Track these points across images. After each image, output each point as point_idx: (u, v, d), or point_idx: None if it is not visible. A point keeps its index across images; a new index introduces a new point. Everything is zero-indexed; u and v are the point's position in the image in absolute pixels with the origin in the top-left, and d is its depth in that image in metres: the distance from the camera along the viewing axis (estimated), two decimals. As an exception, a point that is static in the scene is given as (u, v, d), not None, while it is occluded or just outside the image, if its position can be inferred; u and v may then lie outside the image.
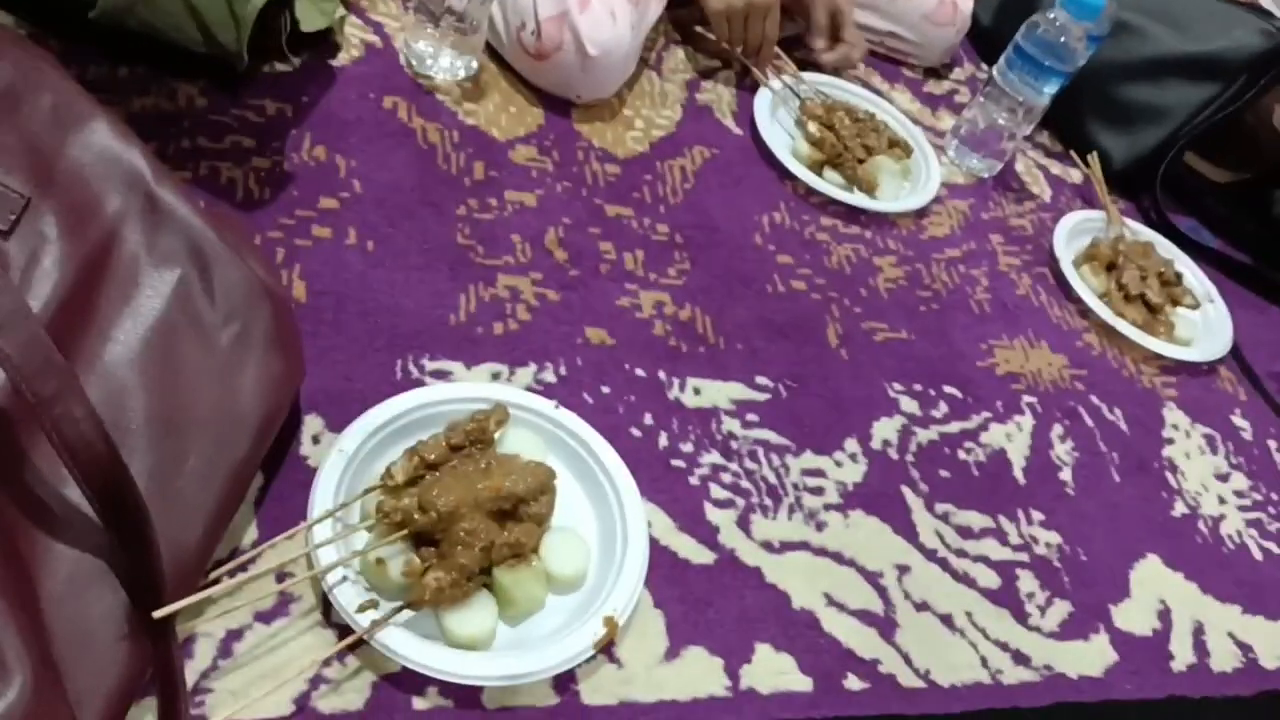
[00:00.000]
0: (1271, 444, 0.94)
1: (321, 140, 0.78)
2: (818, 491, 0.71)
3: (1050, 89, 1.00)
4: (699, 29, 1.03)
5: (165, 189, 0.57)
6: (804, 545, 0.67)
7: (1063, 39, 0.97)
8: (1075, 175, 1.15)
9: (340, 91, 0.83)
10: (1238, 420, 0.94)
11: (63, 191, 0.54)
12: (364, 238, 0.73)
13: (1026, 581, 0.71)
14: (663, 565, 0.62)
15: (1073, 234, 1.03)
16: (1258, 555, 0.82)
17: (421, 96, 0.86)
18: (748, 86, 1.03)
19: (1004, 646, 0.67)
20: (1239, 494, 0.87)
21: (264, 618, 0.52)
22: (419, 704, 0.51)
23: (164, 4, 0.67)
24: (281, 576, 0.53)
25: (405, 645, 0.51)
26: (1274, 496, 0.88)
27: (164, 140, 0.72)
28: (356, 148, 0.79)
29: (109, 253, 0.54)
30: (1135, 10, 1.12)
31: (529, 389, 0.68)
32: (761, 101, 1.00)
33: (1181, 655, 0.72)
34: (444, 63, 0.88)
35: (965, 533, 0.73)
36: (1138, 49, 1.12)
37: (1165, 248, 1.07)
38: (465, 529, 0.53)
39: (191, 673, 0.49)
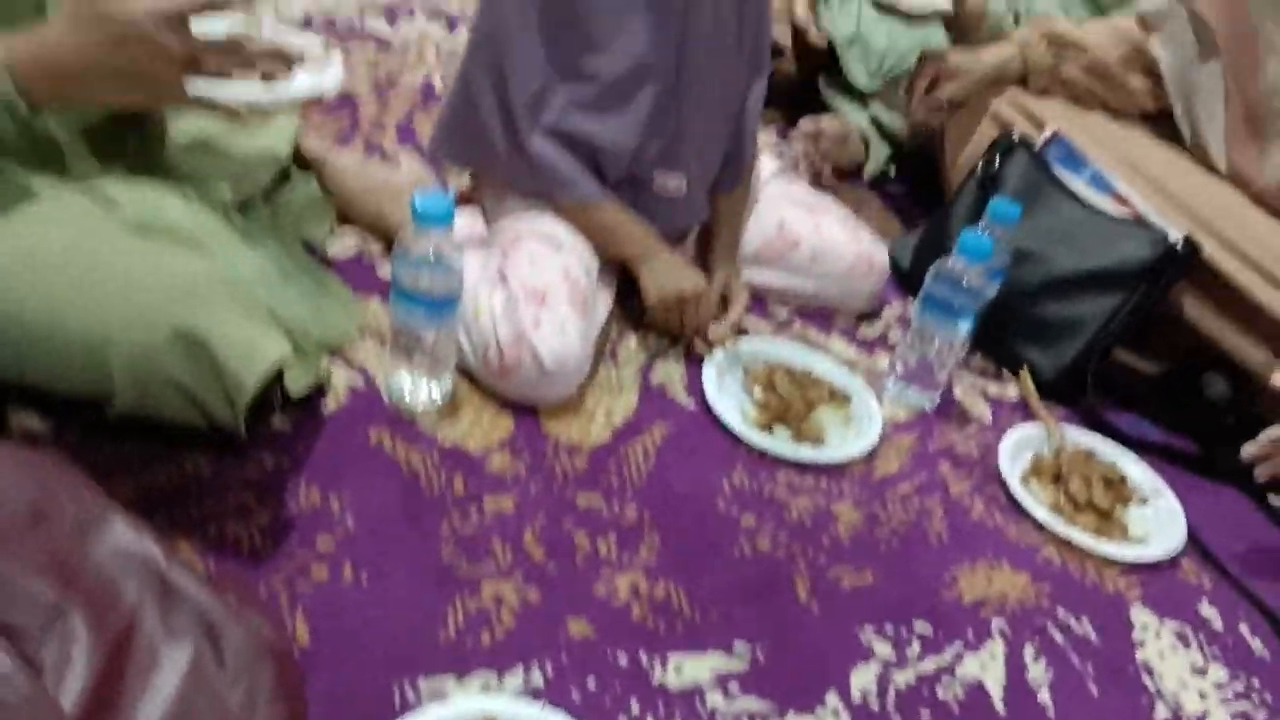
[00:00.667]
0: (1244, 628, 0.97)
1: (316, 483, 0.87)
2: (803, 753, 0.75)
3: (964, 324, 1.11)
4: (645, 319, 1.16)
5: (175, 570, 0.65)
6: (795, 812, 0.70)
7: (965, 281, 1.08)
8: (1013, 391, 1.24)
9: (330, 435, 0.93)
10: (1206, 610, 0.98)
11: (87, 591, 0.62)
12: (358, 570, 0.81)
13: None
14: None
15: (1016, 451, 1.11)
16: (1249, 748, 0.84)
17: (403, 426, 0.96)
18: (696, 360, 1.14)
19: None
20: (1219, 686, 0.90)
21: None
22: None
23: (168, 398, 0.78)
24: None
25: None
26: (1255, 683, 0.91)
27: (174, 510, 0.81)
28: (348, 485, 0.88)
29: (130, 638, 0.61)
30: (1033, 238, 1.24)
31: (518, 694, 0.73)
32: (708, 374, 1.10)
33: None
34: (421, 394, 0.99)
35: (952, 773, 0.76)
36: (1043, 272, 1.24)
37: (1106, 450, 1.14)
38: None
39: None
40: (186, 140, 1.05)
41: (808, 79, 1.74)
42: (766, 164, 1.35)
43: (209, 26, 0.89)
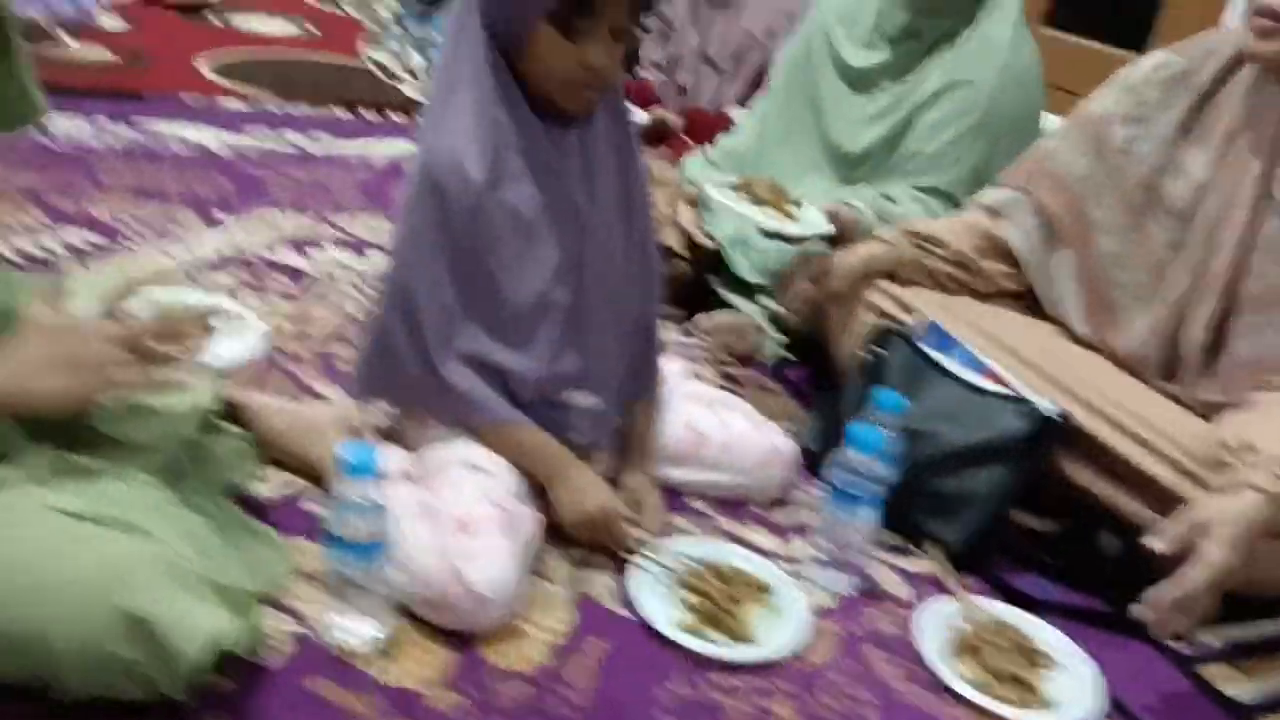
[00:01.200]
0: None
1: (257, 745, 0.87)
2: None
3: (870, 509, 1.18)
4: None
5: None
6: None
7: (860, 470, 1.16)
8: (926, 564, 1.31)
9: (274, 687, 0.93)
10: (1129, 768, 1.03)
11: None
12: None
13: None
14: None
15: (933, 628, 1.16)
16: None
17: (344, 669, 0.97)
18: (623, 567, 1.18)
19: None
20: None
21: None
22: None
23: (113, 677, 0.79)
24: None
25: None
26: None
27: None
28: (290, 743, 0.88)
29: None
30: (921, 418, 1.34)
31: None
32: (635, 582, 1.14)
33: None
34: (359, 633, 1.00)
35: None
36: (934, 448, 1.33)
37: (1018, 617, 1.21)
38: None
39: None
40: (112, 406, 1.09)
41: (699, 276, 1.86)
42: (673, 364, 1.44)
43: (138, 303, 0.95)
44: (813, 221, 1.57)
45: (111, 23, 3.09)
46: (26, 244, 1.71)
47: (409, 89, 2.96)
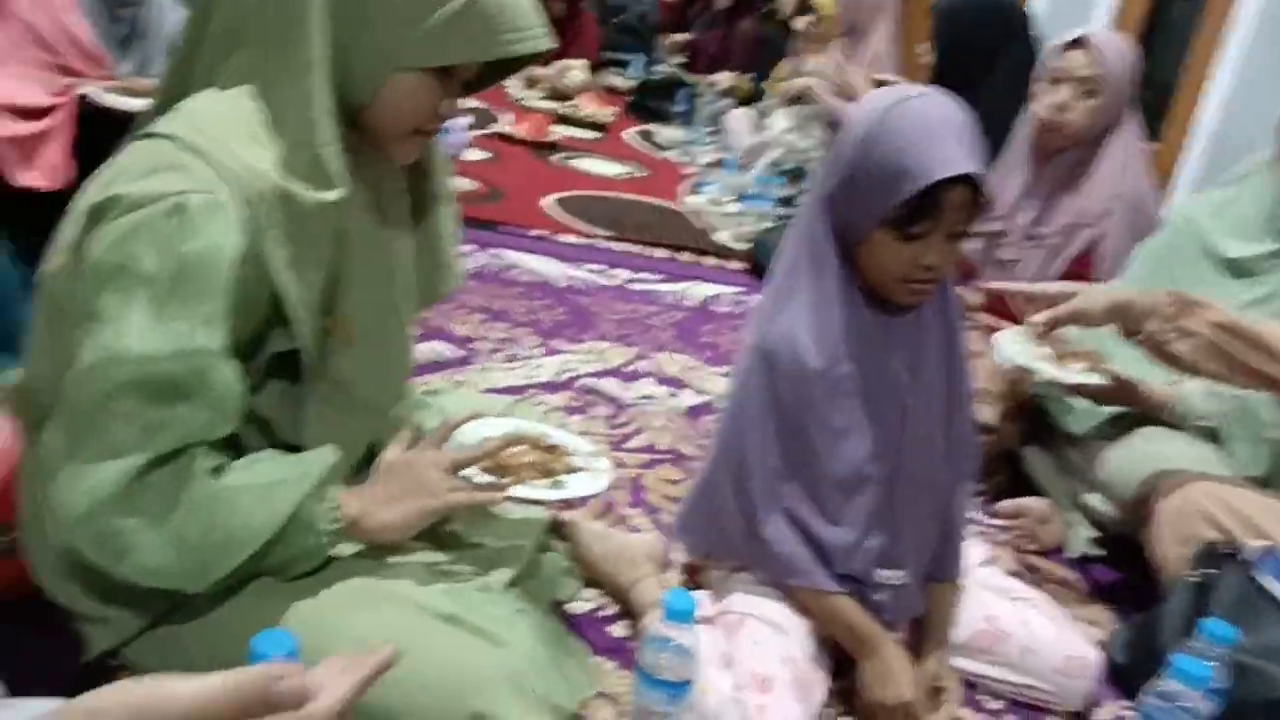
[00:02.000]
0: None
1: None
2: None
3: (1187, 747, 1.10)
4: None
5: None
6: None
7: (1182, 704, 1.09)
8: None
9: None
10: None
11: None
12: None
13: None
14: None
15: None
16: None
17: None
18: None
19: None
20: None
21: None
22: None
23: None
24: None
25: None
26: None
27: None
28: None
29: None
30: (1253, 653, 1.24)
31: None
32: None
33: None
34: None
35: None
36: (1268, 690, 1.22)
37: None
38: None
39: None
40: (468, 512, 1.24)
41: (1010, 453, 1.82)
42: (973, 550, 1.42)
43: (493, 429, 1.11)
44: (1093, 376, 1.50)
45: (477, 155, 3.55)
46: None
47: (725, 236, 3.16)
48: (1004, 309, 2.13)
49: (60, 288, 0.90)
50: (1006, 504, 1.70)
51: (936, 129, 1.08)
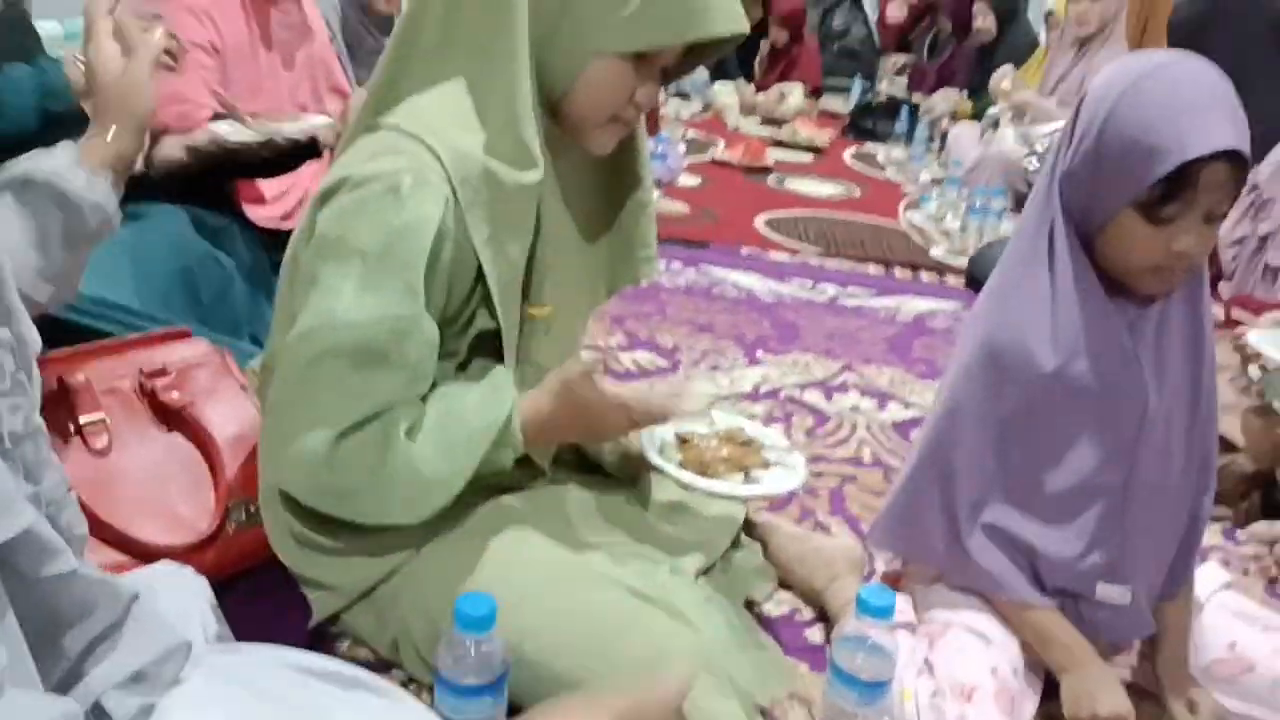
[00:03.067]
0: None
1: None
2: None
3: None
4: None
5: None
6: None
7: None
8: None
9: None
10: None
11: None
12: None
13: None
14: None
15: None
16: None
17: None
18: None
19: None
20: None
21: None
22: None
23: None
24: None
25: None
26: None
27: None
28: None
29: None
30: None
31: None
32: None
33: None
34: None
35: None
36: None
37: None
38: None
39: None
40: (664, 503, 1.26)
41: (1267, 477, 1.64)
42: (1213, 572, 1.28)
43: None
44: None
45: (689, 180, 3.62)
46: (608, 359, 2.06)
47: (942, 251, 3.04)
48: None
49: (294, 268, 1.00)
50: (1259, 526, 1.52)
51: (1193, 99, 0.97)
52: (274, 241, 1.74)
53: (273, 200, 1.88)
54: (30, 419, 0.58)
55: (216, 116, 1.70)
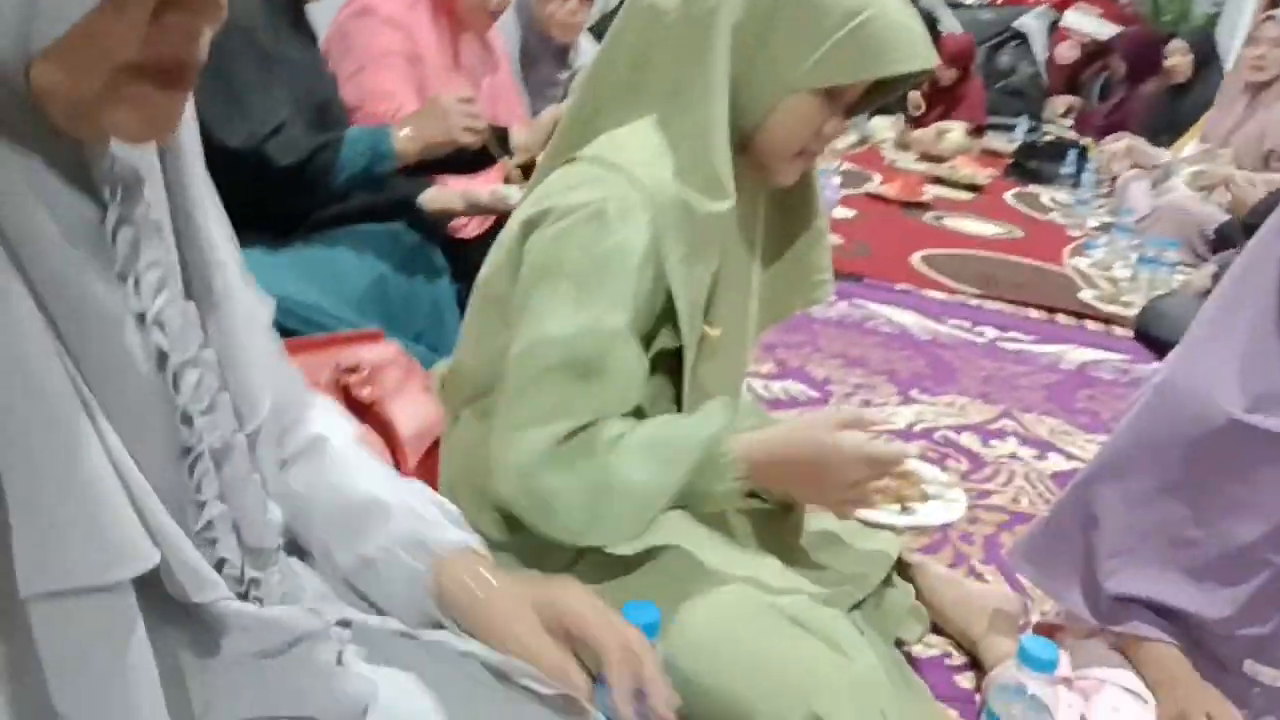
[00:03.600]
0: None
1: None
2: None
3: None
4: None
5: None
6: None
7: None
8: None
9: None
10: None
11: None
12: None
13: None
14: None
15: None
16: None
17: None
18: None
19: None
20: None
21: None
22: None
23: None
24: None
25: None
26: None
27: None
28: None
29: None
30: None
31: None
32: None
33: None
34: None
35: None
36: None
37: None
38: None
39: None
40: (818, 531, 1.26)
41: None
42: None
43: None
44: None
45: (844, 213, 3.60)
46: (758, 386, 2.07)
47: (1109, 301, 2.93)
48: None
49: (495, 289, 1.06)
50: None
51: None
52: (454, 252, 1.84)
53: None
54: (230, 439, 0.59)
55: None
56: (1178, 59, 4.30)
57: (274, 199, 1.51)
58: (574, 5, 2.29)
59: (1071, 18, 6.32)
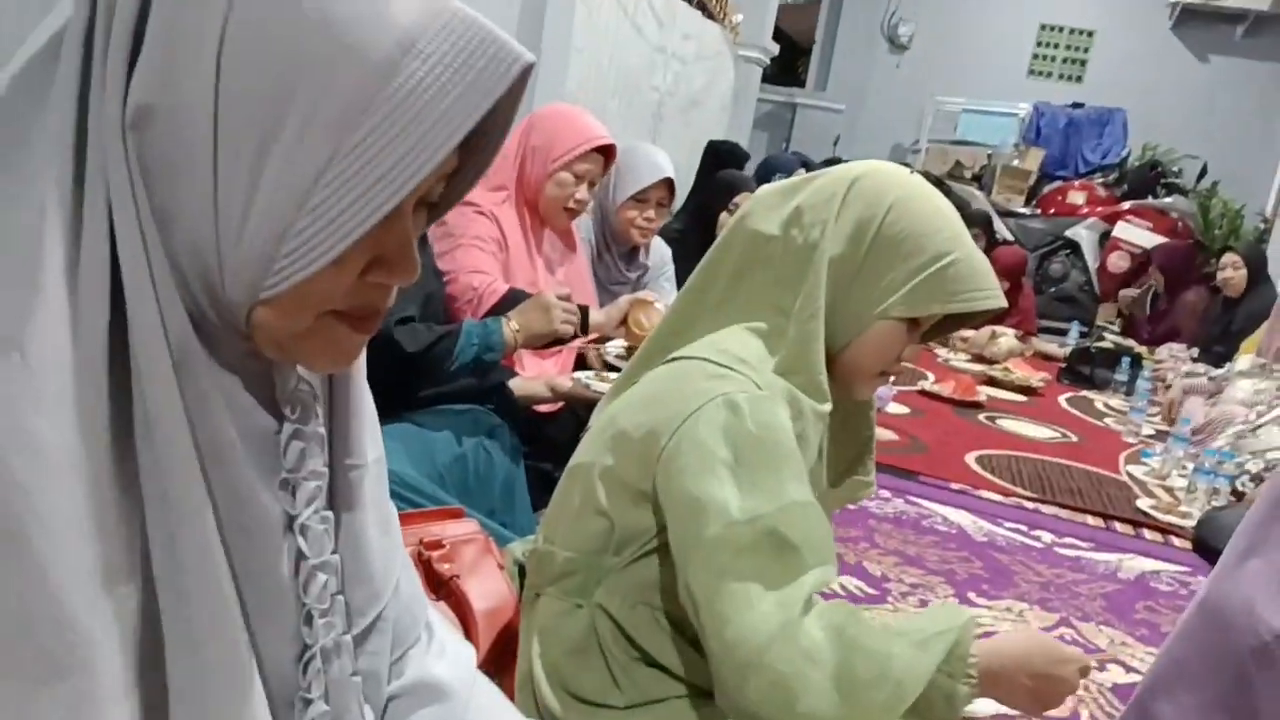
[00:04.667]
0: None
1: None
2: None
3: None
4: None
5: None
6: None
7: None
8: None
9: None
10: None
11: None
12: None
13: None
14: None
15: None
16: None
17: None
18: None
19: None
20: None
21: None
22: None
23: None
24: None
25: None
26: None
27: None
28: None
29: None
30: None
31: None
32: None
33: None
34: None
35: None
36: None
37: None
38: None
39: None
40: None
41: None
42: None
43: None
44: None
45: (898, 409, 3.68)
46: (815, 580, 2.10)
47: (1166, 510, 2.92)
48: None
49: (591, 479, 1.11)
50: None
51: None
52: (528, 429, 1.96)
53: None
54: (340, 639, 0.62)
55: (519, 294, 1.97)
56: (1230, 272, 4.42)
57: (396, 380, 1.66)
58: (651, 214, 2.49)
59: (1123, 229, 6.54)
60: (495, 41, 0.51)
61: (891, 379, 1.32)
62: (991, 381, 4.41)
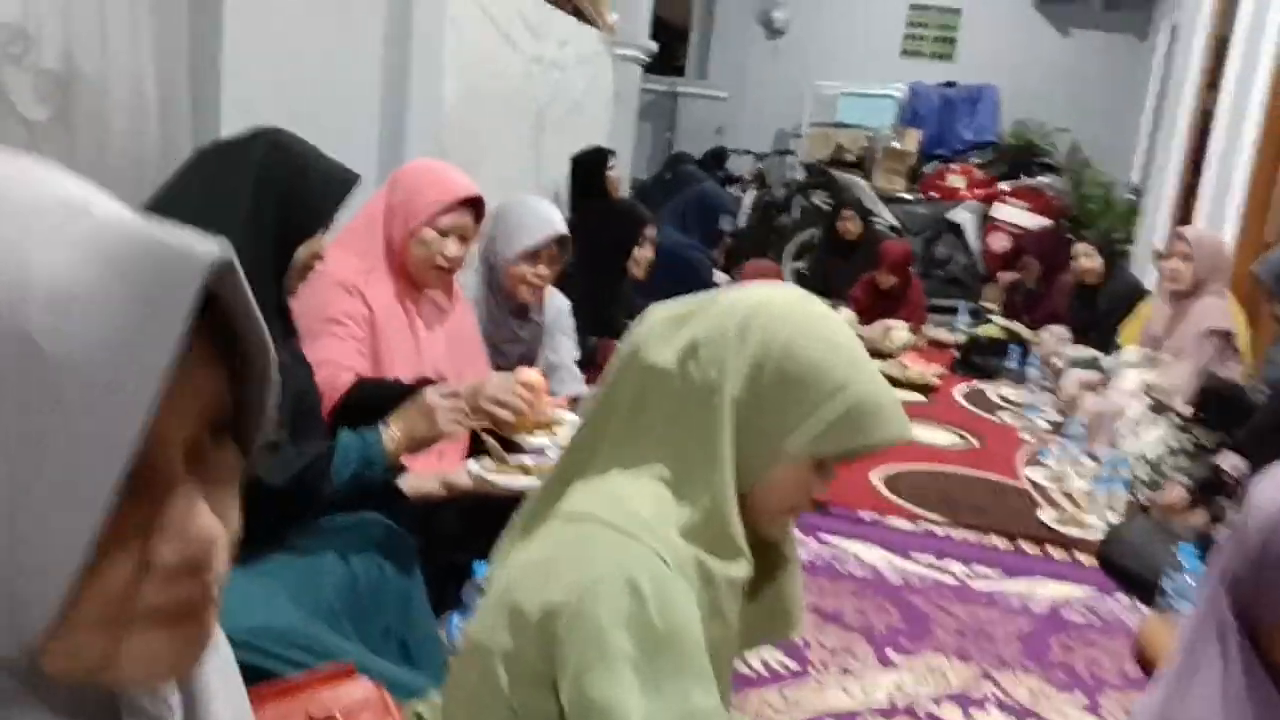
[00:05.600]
0: None
1: None
2: None
3: None
4: None
5: None
6: None
7: None
8: None
9: None
10: None
11: None
12: None
13: None
14: None
15: None
16: None
17: None
18: None
19: None
20: None
21: None
22: None
23: None
24: None
25: None
26: None
27: None
28: None
29: None
30: None
31: None
32: None
33: None
34: None
35: None
36: None
37: None
38: None
39: None
40: None
41: None
42: None
43: None
44: None
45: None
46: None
47: (1065, 521, 2.96)
48: None
49: (492, 651, 1.02)
50: None
51: None
52: (423, 521, 1.81)
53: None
54: None
55: (366, 386, 1.82)
56: (1084, 262, 4.53)
57: (262, 522, 1.48)
58: (543, 269, 2.36)
59: (1000, 210, 6.70)
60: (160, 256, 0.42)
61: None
62: (891, 382, 4.42)
